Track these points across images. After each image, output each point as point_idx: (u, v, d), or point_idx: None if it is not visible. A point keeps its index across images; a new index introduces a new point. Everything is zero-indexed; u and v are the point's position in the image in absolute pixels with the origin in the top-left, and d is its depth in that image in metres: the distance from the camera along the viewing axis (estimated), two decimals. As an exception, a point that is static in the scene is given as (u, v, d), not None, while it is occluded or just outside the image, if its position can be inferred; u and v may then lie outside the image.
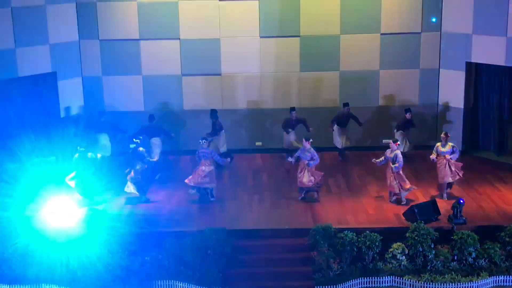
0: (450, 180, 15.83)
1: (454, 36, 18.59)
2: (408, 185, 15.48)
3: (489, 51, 17.92)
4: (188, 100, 19.33)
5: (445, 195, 15.89)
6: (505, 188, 16.47)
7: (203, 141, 16.02)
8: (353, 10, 18.81)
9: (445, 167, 15.79)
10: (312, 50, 19.05)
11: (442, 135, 16.03)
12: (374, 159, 15.88)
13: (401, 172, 15.44)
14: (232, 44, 19.01)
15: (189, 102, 19.35)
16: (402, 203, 15.49)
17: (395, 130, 18.26)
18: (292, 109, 18.35)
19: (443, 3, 18.71)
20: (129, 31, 18.87)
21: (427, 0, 18.74)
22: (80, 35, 18.84)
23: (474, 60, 18.37)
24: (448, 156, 15.79)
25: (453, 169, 15.79)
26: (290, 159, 16.13)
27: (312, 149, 15.75)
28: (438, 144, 15.99)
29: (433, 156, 15.94)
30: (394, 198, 15.70)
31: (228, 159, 16.85)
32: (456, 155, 15.91)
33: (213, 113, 18.26)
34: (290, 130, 18.41)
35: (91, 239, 14.10)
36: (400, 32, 18.97)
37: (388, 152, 15.67)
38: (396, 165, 15.38)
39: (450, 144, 15.91)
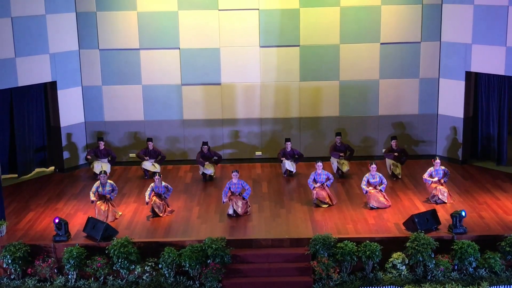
0: (444, 200, 16.08)
1: (454, 45, 18.62)
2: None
3: (488, 61, 17.95)
4: (188, 109, 19.34)
5: (432, 200, 16.20)
6: (505, 198, 16.45)
7: (234, 173, 15.78)
8: (352, 19, 18.84)
9: (439, 188, 16.09)
10: (312, 60, 19.08)
11: (437, 160, 16.19)
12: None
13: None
14: (232, 53, 19.03)
15: (189, 112, 19.35)
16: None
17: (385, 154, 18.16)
18: (287, 140, 18.25)
19: (442, 13, 18.76)
20: (129, 41, 18.90)
21: (426, 10, 18.79)
22: (80, 45, 18.87)
23: (473, 69, 18.40)
24: (442, 180, 16.16)
25: (444, 192, 16.09)
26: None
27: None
28: (431, 168, 16.22)
29: (430, 179, 16.16)
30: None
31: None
32: (447, 178, 16.29)
33: (204, 144, 18.19)
34: (283, 159, 18.13)
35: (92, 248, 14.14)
36: (399, 41, 19.00)
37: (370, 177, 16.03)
38: (383, 185, 15.98)
39: (441, 167, 16.24)
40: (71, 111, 19.00)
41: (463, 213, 14.34)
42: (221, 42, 18.98)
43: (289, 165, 18.12)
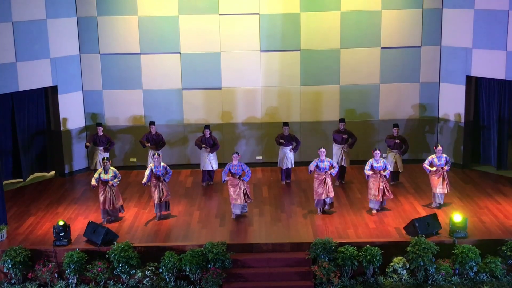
0: (445, 191, 15.97)
1: (454, 50, 18.64)
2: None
3: (489, 65, 17.96)
4: (188, 114, 19.35)
5: (434, 204, 16.12)
6: (505, 202, 16.44)
7: (234, 155, 15.77)
8: (353, 24, 18.87)
9: (439, 178, 15.95)
10: (313, 64, 19.10)
11: (439, 147, 16.08)
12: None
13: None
14: (232, 58, 19.05)
15: (189, 116, 19.36)
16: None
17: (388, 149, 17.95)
18: (285, 124, 18.08)
19: (443, 17, 18.78)
20: (130, 45, 18.92)
21: (427, 14, 18.81)
22: (81, 49, 18.89)
23: (474, 74, 18.40)
24: (445, 168, 15.95)
25: (446, 180, 15.98)
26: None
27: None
28: (433, 156, 16.08)
29: (429, 168, 16.03)
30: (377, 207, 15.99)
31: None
32: (449, 166, 16.12)
33: (206, 127, 18.17)
34: (282, 142, 17.91)
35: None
36: (400, 46, 19.02)
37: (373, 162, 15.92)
38: (387, 171, 15.88)
39: (443, 155, 16.12)
40: (71, 115, 19.01)
41: (457, 218, 14.35)
42: (221, 47, 19.00)
43: (286, 159, 17.90)
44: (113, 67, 19.02)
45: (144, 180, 15.62)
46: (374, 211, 15.82)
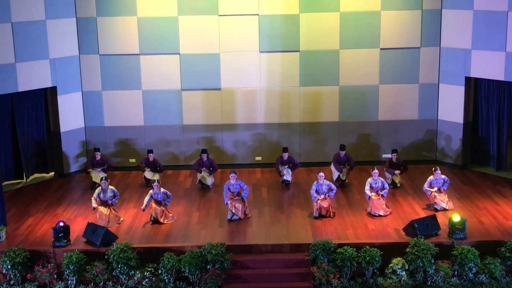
0: (444, 207, 16.01)
1: (453, 51, 18.64)
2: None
3: (488, 66, 17.96)
4: (187, 114, 19.34)
5: (432, 208, 16.15)
6: (505, 203, 16.45)
7: (232, 174, 15.79)
8: (352, 25, 18.87)
9: (438, 197, 16.04)
10: (312, 65, 19.10)
11: (438, 171, 16.15)
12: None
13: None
14: (232, 58, 19.05)
15: (188, 117, 19.36)
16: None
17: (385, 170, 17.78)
18: (285, 150, 18.02)
19: (442, 18, 18.78)
20: (129, 46, 18.92)
21: (426, 15, 18.82)
22: (80, 50, 18.89)
23: (473, 75, 18.41)
24: (442, 189, 16.14)
25: (446, 197, 16.09)
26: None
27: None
28: (431, 177, 16.16)
29: (430, 190, 16.11)
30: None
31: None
32: (447, 185, 16.24)
33: (203, 151, 18.11)
34: (283, 168, 17.90)
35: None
36: (399, 47, 19.02)
37: (372, 182, 15.96)
38: (385, 190, 15.88)
39: (442, 176, 16.20)
40: (71, 116, 19.00)
41: (456, 219, 14.37)
42: (221, 47, 19.00)
43: (286, 174, 17.99)
44: (112, 68, 19.02)
45: (143, 206, 15.67)
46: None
